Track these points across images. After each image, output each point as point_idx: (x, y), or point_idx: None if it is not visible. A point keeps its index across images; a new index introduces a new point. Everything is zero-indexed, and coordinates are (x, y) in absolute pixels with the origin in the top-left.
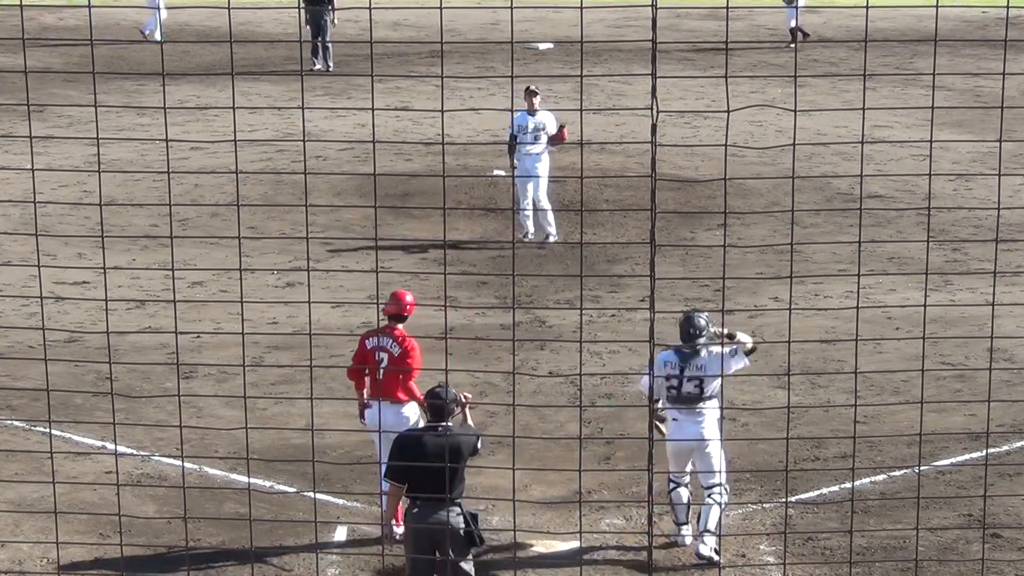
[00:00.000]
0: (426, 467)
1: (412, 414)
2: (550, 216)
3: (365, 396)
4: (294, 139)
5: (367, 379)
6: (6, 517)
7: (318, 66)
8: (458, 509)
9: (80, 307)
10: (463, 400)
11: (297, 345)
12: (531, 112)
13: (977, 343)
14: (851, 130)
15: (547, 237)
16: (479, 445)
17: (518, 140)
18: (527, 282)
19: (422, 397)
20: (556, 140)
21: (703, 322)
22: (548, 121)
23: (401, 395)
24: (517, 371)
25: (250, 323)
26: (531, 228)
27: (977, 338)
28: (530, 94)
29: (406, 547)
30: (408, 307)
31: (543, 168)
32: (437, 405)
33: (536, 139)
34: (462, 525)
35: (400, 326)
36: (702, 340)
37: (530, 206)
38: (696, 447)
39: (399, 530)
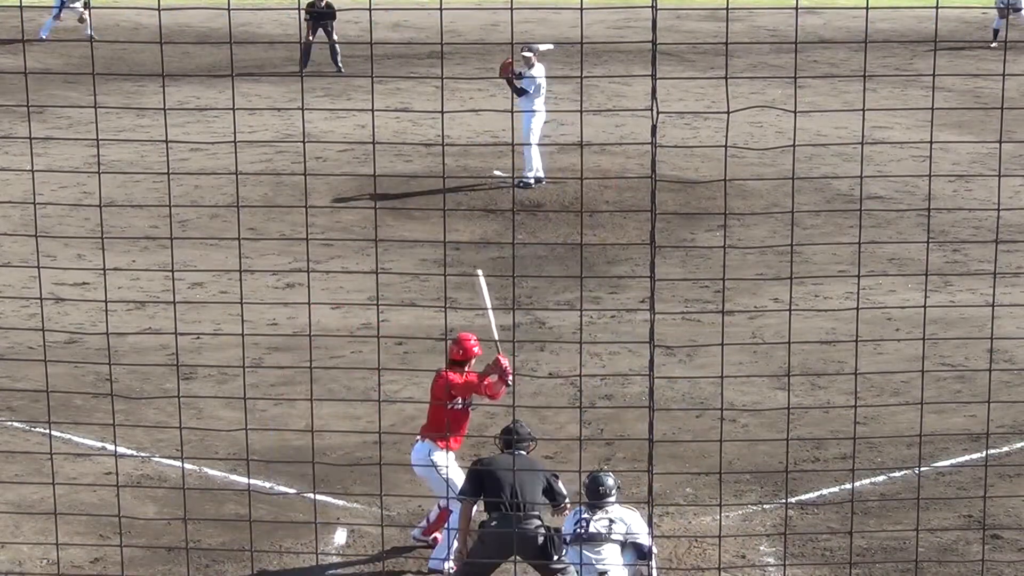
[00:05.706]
0: (503, 483)
1: (437, 457)
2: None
3: None
4: (294, 140)
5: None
6: (6, 518)
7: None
8: (537, 521)
9: (80, 308)
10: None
11: (297, 346)
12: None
13: (977, 344)
14: (851, 131)
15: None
16: (558, 484)
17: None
18: (527, 283)
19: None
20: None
21: (611, 482)
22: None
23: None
24: (517, 372)
25: (250, 324)
26: (542, 171)
27: (977, 339)
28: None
29: (477, 553)
30: (459, 352)
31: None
32: (510, 439)
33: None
34: (542, 533)
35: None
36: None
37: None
38: None
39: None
